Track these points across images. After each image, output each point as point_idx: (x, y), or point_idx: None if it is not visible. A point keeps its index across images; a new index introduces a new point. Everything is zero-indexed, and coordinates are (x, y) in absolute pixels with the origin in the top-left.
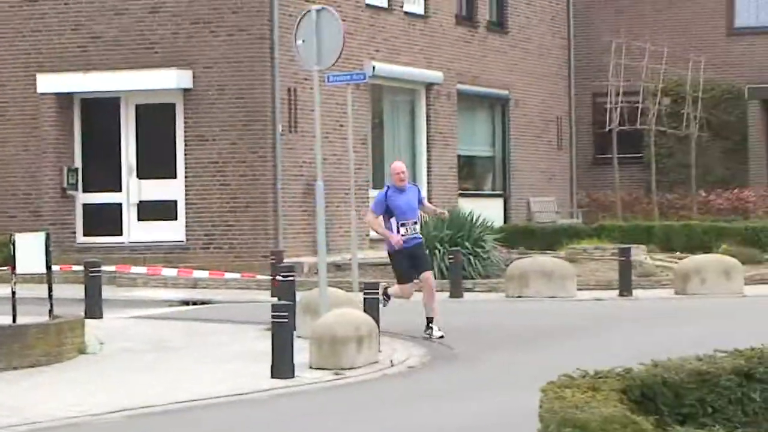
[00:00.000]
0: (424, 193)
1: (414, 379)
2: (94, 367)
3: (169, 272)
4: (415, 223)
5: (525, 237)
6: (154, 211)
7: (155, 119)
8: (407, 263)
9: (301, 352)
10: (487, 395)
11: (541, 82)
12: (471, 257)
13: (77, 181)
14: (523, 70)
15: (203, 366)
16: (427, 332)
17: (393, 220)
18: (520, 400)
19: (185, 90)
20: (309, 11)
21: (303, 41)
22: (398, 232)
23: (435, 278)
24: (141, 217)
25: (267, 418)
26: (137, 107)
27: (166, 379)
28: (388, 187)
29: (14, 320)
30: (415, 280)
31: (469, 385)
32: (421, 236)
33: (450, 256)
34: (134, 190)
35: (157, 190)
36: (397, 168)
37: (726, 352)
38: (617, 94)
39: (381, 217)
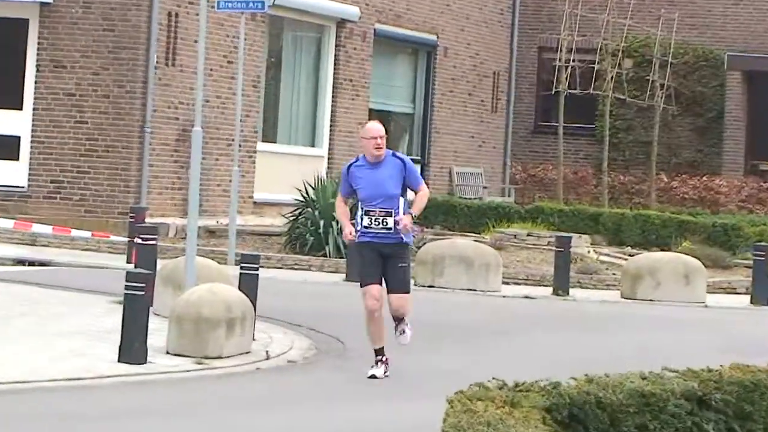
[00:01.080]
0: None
1: (293, 376)
2: None
3: (4, 223)
4: (388, 214)
5: (443, 214)
6: None
7: (2, 37)
8: (368, 260)
9: (158, 333)
10: (379, 402)
11: (477, 28)
12: None
13: None
14: (455, 12)
15: (35, 341)
16: (399, 333)
17: (360, 204)
18: (419, 410)
19: (42, 3)
20: None
21: None
22: (361, 221)
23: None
24: None
25: (102, 411)
26: None
27: None
28: (357, 159)
29: None
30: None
31: (359, 389)
32: (401, 235)
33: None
34: None
35: None
36: (371, 131)
37: (677, 372)
38: (569, 51)
39: (346, 202)
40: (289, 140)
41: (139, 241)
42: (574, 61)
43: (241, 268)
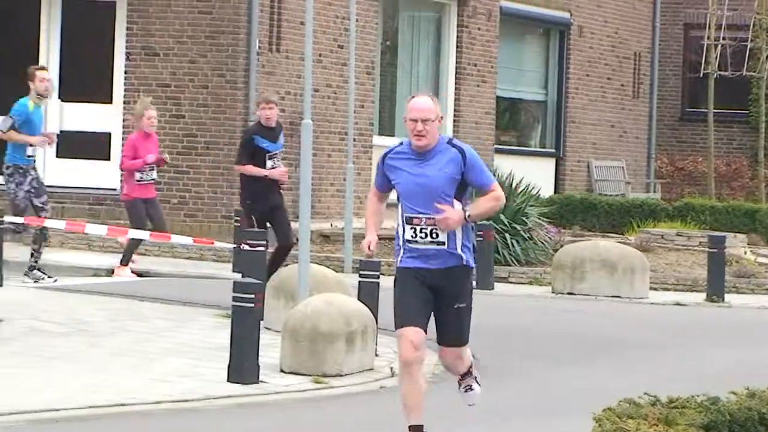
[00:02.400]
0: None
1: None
2: None
3: (96, 230)
4: (433, 223)
5: (583, 213)
6: (80, 145)
7: (87, 21)
8: (409, 292)
9: (271, 349)
10: (519, 421)
11: (616, 4)
12: (507, 236)
13: None
14: None
15: (135, 359)
16: (464, 390)
17: (399, 209)
18: (564, 429)
19: None
20: None
21: None
22: (402, 234)
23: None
24: (61, 153)
25: None
26: (64, 3)
27: (83, 374)
28: (400, 143)
29: None
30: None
31: (496, 406)
32: (459, 252)
33: (479, 233)
34: (54, 115)
35: (85, 117)
36: (411, 110)
37: None
38: (719, 27)
39: (381, 198)
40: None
41: (246, 247)
42: (724, 38)
43: (360, 276)
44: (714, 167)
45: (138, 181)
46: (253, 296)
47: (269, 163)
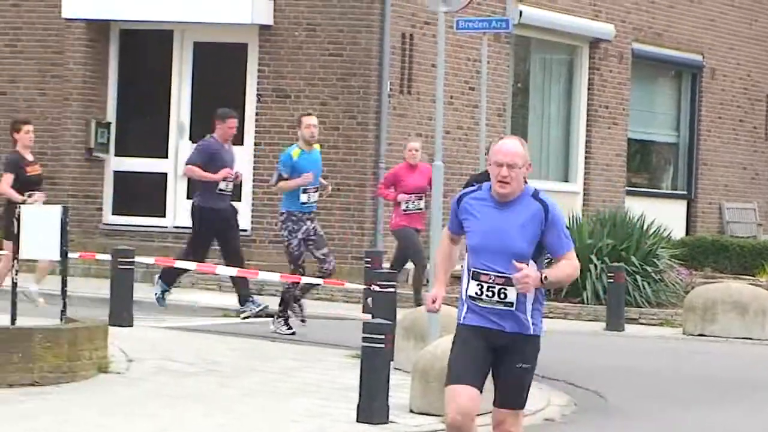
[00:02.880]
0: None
1: None
2: (117, 391)
3: (226, 271)
4: (509, 282)
5: (714, 255)
6: None
7: (219, 64)
8: (466, 348)
9: (400, 389)
10: None
11: (748, 46)
12: (638, 277)
13: (108, 140)
14: (722, 28)
15: (265, 400)
16: None
17: (466, 261)
18: None
19: (262, 27)
20: None
21: None
22: (467, 286)
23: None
24: (192, 195)
25: None
26: (195, 45)
27: (215, 414)
28: (479, 187)
29: (13, 322)
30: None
31: None
32: (525, 318)
33: (610, 275)
34: (185, 157)
35: None
36: (497, 153)
37: None
38: None
39: (454, 241)
40: (540, 174)
41: (377, 288)
42: None
43: None
44: None
45: (404, 211)
46: (383, 336)
47: None
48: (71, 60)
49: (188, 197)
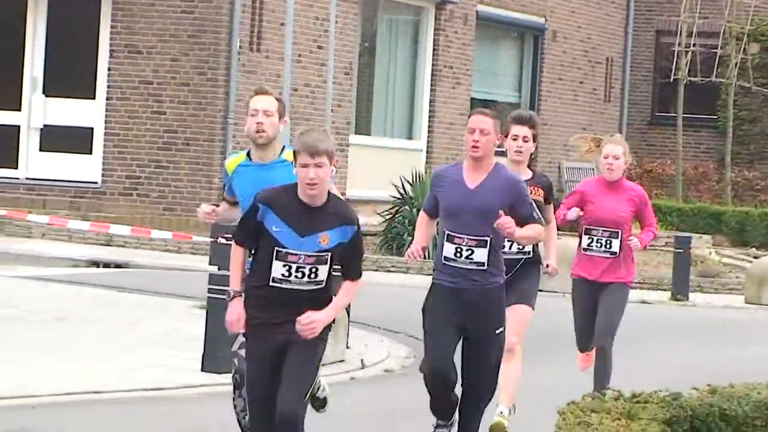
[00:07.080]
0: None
1: (390, 387)
2: None
3: (79, 225)
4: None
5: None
6: (63, 140)
7: (73, 19)
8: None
9: None
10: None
11: (589, 10)
12: None
13: None
14: None
15: (112, 348)
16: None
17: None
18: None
19: None
20: None
21: None
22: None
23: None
24: (44, 147)
25: (186, 424)
26: (50, 0)
27: (64, 363)
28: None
29: None
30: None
31: None
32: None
33: None
34: (38, 110)
35: (69, 112)
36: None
37: None
38: (690, 35)
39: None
40: (385, 132)
41: (223, 241)
42: (694, 45)
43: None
44: (682, 170)
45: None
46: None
47: None
48: None
49: (41, 150)
